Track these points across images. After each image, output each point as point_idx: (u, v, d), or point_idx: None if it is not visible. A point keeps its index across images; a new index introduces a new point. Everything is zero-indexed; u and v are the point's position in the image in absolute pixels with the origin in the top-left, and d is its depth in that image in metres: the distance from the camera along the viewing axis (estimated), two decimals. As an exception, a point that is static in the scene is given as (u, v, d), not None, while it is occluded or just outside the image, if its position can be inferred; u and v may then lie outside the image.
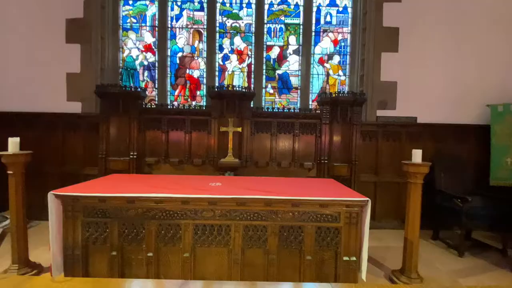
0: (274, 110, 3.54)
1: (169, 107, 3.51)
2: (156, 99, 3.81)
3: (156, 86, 3.80)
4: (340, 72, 3.86)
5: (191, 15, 3.78)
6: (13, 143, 2.23)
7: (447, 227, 3.30)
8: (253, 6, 3.76)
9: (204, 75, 3.82)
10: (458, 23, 3.51)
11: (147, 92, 3.65)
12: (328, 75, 3.86)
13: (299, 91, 3.88)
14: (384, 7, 3.46)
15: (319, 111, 3.45)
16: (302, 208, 1.78)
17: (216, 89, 3.35)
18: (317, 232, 1.79)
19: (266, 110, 3.52)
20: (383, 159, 3.54)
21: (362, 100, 3.31)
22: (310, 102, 3.86)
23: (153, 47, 3.79)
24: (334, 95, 3.31)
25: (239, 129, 3.34)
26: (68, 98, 3.54)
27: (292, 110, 3.54)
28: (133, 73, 3.82)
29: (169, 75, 3.83)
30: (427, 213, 2.60)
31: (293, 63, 3.89)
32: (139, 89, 3.35)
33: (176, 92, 3.85)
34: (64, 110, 3.50)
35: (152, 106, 3.50)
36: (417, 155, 2.16)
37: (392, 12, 3.45)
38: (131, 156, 3.32)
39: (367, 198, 1.77)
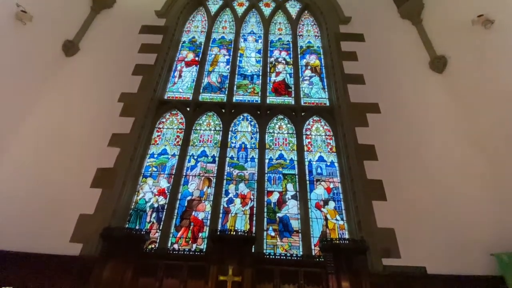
0: (276, 256, 3.46)
1: (169, 250, 3.48)
2: (158, 240, 3.81)
3: (161, 228, 3.91)
4: (338, 217, 4.06)
5: (204, 166, 4.49)
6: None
7: None
8: (256, 160, 4.53)
9: (209, 217, 4.02)
10: (436, 174, 4.04)
11: (150, 235, 3.72)
12: (326, 219, 4.05)
13: (300, 234, 3.93)
14: (365, 164, 4.15)
15: (322, 259, 3.36)
16: None
17: (218, 233, 3.45)
18: None
19: (268, 256, 3.44)
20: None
21: (364, 248, 3.31)
22: (313, 247, 3.81)
23: (166, 191, 4.23)
24: (335, 242, 3.35)
25: (239, 279, 3.13)
26: (71, 239, 3.56)
27: (295, 257, 3.45)
28: (142, 214, 4.05)
29: (175, 217, 4.03)
30: None
31: (292, 207, 4.18)
32: (143, 232, 3.46)
33: (179, 234, 3.90)
34: (62, 251, 3.43)
35: (152, 251, 3.47)
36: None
37: (372, 168, 4.11)
38: (115, 312, 2.93)
39: None
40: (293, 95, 5.29)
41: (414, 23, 5.74)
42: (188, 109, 5.01)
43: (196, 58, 5.79)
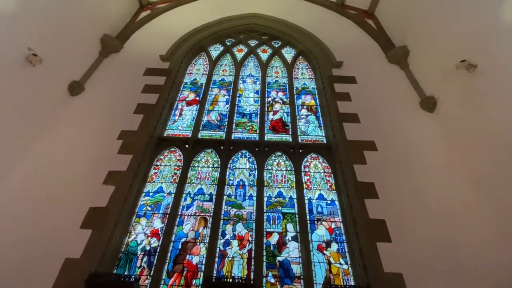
0: (277, 307, 3.15)
1: (159, 301, 3.17)
2: (148, 288, 3.49)
3: (151, 274, 3.61)
4: (341, 261, 3.81)
5: (201, 205, 4.35)
6: None
7: None
8: (254, 198, 4.41)
9: (203, 262, 3.74)
10: (439, 215, 3.93)
11: (140, 282, 3.42)
12: (329, 263, 3.79)
13: (302, 281, 3.64)
14: (366, 202, 4.03)
15: (327, 310, 3.06)
16: None
17: (213, 280, 3.19)
18: None
19: (267, 307, 3.13)
20: None
21: (372, 297, 3.05)
22: (316, 296, 3.50)
23: (160, 232, 4.01)
24: (340, 290, 3.09)
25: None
26: (54, 287, 3.25)
27: (297, 308, 3.14)
28: (132, 258, 3.77)
29: (167, 261, 3.75)
30: None
31: (292, 250, 3.94)
32: (132, 279, 3.19)
33: (171, 281, 3.59)
34: (39, 303, 3.11)
35: (141, 301, 3.16)
36: None
37: (374, 207, 3.98)
38: None
39: None
40: (290, 133, 5.39)
41: (401, 67, 6.14)
42: (186, 146, 5.04)
43: (197, 98, 6.02)
